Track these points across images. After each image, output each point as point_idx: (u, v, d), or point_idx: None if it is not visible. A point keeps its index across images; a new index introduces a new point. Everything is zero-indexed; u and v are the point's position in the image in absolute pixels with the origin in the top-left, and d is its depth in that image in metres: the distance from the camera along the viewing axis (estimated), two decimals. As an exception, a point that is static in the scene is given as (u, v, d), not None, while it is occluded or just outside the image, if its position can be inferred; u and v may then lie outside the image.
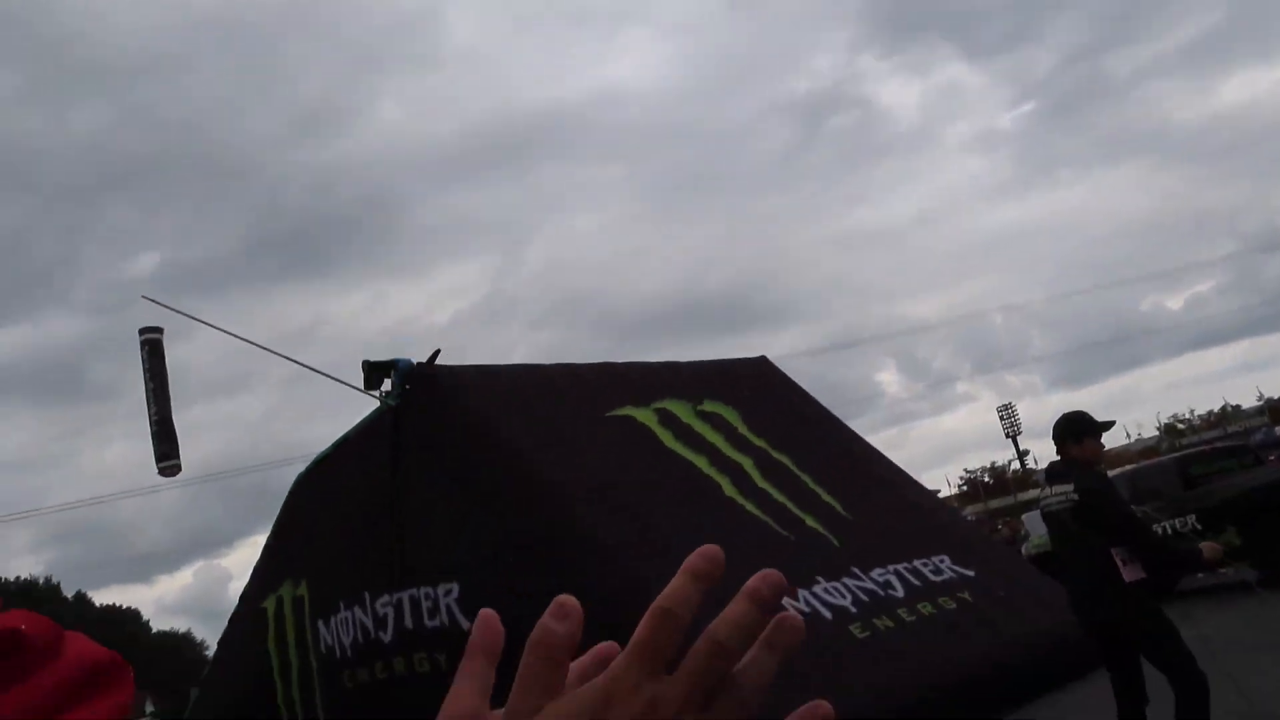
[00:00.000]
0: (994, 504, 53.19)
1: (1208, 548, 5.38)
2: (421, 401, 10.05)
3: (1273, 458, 16.70)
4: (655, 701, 0.49)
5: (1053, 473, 5.55)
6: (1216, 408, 62.93)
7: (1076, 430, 5.46)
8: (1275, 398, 56.79)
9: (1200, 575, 12.43)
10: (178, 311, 15.98)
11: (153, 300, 14.29)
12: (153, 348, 18.62)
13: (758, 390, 11.68)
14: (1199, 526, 11.71)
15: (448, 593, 8.93)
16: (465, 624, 8.76)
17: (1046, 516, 5.53)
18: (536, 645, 0.52)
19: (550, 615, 0.53)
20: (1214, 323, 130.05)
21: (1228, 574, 12.02)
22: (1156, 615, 5.05)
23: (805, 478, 10.19)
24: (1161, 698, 5.09)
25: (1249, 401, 61.49)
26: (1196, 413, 63.58)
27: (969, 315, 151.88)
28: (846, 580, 8.78)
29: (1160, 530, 11.16)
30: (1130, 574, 5.02)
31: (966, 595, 9.27)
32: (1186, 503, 12.26)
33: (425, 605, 9.07)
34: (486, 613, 0.65)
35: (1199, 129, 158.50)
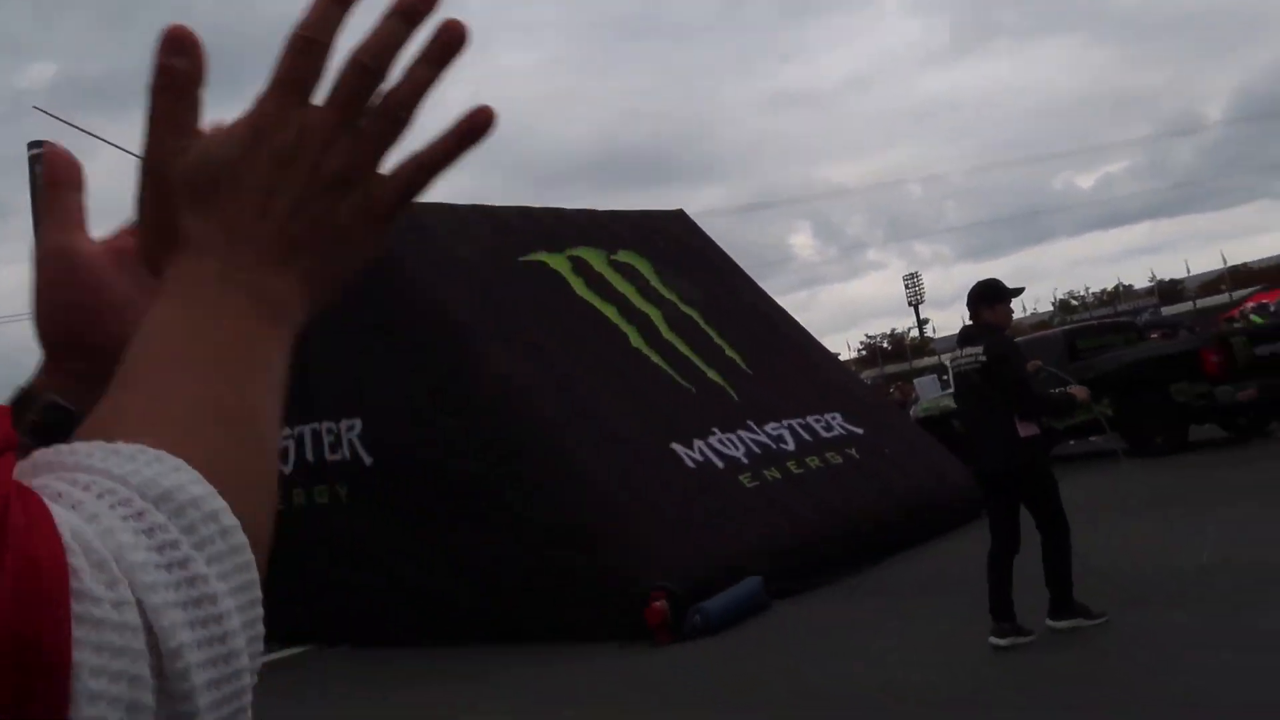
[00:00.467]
0: (890, 369, 54.84)
1: (1077, 389, 6.13)
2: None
3: (1155, 335, 17.47)
4: (305, 129, 0.48)
5: (965, 335, 5.99)
6: (1110, 286, 65.08)
7: (989, 296, 5.90)
8: (1166, 280, 59.07)
9: (1072, 443, 13.17)
10: (75, 127, 15.14)
11: (46, 112, 13.50)
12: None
13: (672, 243, 11.72)
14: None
15: (350, 428, 8.98)
16: (368, 459, 8.85)
17: (956, 376, 6.05)
18: (160, 86, 0.49)
19: (164, 52, 0.48)
20: (1120, 204, 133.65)
21: (1099, 441, 12.77)
22: (1045, 467, 5.71)
23: (711, 332, 10.39)
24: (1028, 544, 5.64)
25: (1141, 282, 63.73)
26: (1091, 290, 65.68)
27: (888, 183, 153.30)
28: (741, 432, 9.10)
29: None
30: (1025, 430, 5.59)
31: (854, 451, 9.72)
32: (1069, 374, 12.85)
33: (328, 439, 9.13)
34: (50, 146, 0.63)
35: (1137, 5, 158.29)
